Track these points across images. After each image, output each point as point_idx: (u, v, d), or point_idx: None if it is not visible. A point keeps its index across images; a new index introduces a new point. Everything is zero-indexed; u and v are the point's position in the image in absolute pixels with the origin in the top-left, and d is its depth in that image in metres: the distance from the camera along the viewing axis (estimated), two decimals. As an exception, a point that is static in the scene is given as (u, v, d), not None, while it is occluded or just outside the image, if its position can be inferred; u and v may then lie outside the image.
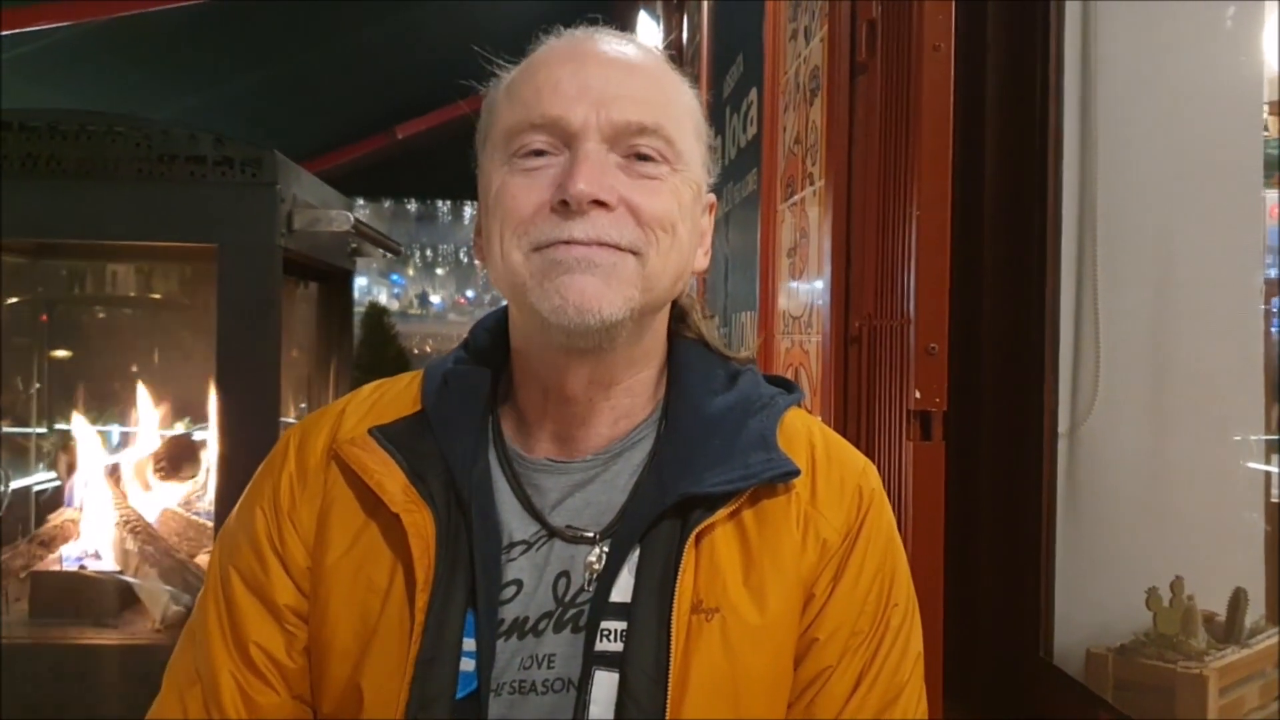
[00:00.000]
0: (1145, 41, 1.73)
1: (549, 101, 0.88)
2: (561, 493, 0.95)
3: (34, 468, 3.18)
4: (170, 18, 5.66)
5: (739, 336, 2.82)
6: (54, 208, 2.12)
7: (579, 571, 0.92)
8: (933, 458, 1.56)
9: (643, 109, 0.89)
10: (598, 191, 0.85)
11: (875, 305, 1.73)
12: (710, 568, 0.91)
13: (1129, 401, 1.73)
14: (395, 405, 1.01)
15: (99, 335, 3.41)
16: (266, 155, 2.10)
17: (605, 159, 0.88)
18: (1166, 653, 1.57)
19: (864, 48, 1.82)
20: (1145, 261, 1.74)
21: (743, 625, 0.90)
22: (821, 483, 0.97)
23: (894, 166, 1.67)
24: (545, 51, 0.94)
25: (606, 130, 0.88)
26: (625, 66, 0.91)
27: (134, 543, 2.33)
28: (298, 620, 0.96)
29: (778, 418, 0.98)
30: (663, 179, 0.90)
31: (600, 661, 0.88)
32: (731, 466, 0.92)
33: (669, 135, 0.90)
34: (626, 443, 0.97)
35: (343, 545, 0.94)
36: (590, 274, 0.86)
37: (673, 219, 0.90)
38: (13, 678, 2.13)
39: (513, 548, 0.93)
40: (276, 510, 0.98)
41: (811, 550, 0.94)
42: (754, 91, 2.69)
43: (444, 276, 16.55)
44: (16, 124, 2.09)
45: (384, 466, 0.93)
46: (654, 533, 0.90)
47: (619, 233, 0.87)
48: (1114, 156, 1.72)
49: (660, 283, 0.91)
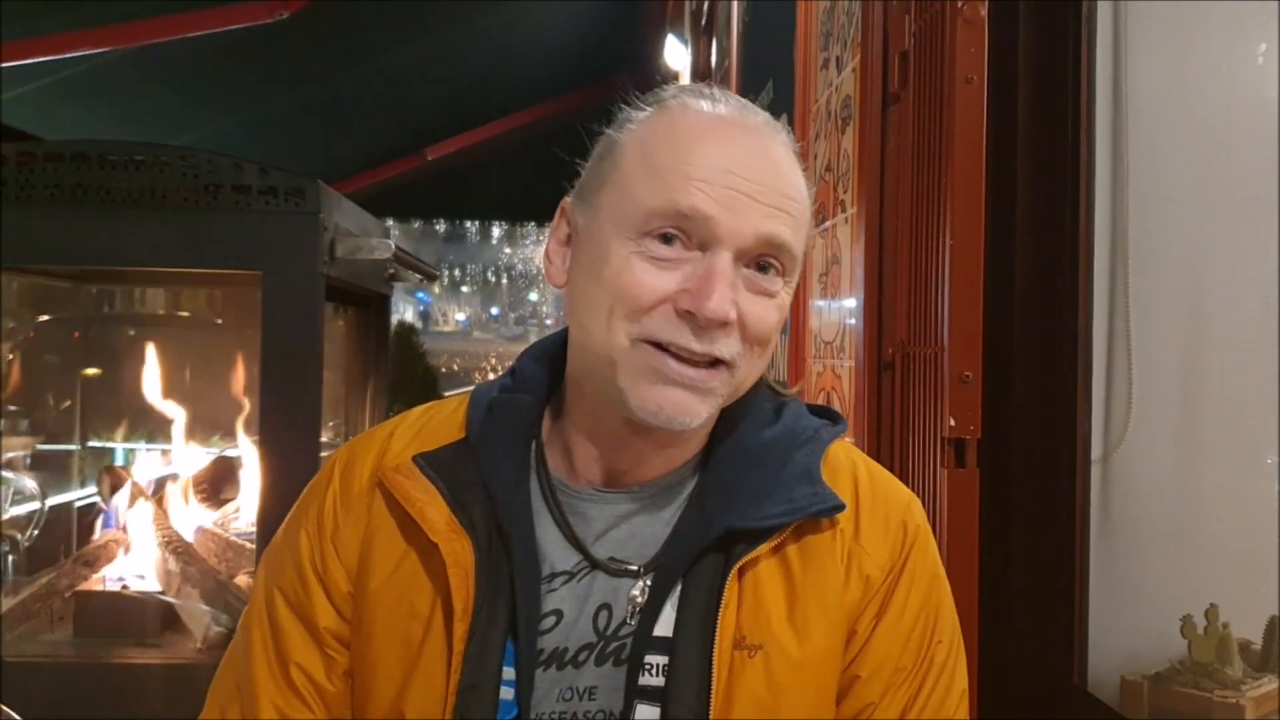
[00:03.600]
0: (1176, 72, 1.75)
1: (698, 195, 0.86)
2: (606, 523, 0.96)
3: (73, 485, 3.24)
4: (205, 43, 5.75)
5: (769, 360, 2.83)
6: (103, 235, 2.17)
7: (621, 604, 0.92)
8: (967, 485, 1.57)
9: (783, 224, 0.88)
10: (729, 313, 0.86)
11: (909, 332, 1.75)
12: (754, 602, 0.91)
13: (1161, 428, 1.74)
14: (441, 431, 1.02)
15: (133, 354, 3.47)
16: (309, 184, 2.14)
17: (734, 272, 0.87)
18: (1202, 681, 1.58)
19: (896, 78, 1.84)
20: (1177, 289, 1.75)
21: (786, 661, 0.90)
22: (866, 518, 0.97)
23: (926, 195, 1.69)
24: (688, 118, 0.92)
25: (748, 243, 0.87)
26: (773, 166, 0.90)
27: (176, 563, 2.37)
28: (338, 644, 0.98)
29: (822, 451, 0.98)
30: (777, 294, 0.90)
31: (642, 696, 0.89)
32: (776, 500, 0.92)
33: (794, 251, 0.90)
34: (674, 477, 0.97)
35: (386, 570, 0.96)
36: (691, 392, 0.88)
37: (772, 336, 0.91)
38: (57, 696, 2.16)
39: (554, 578, 0.93)
40: (320, 534, 1.00)
41: (855, 586, 0.94)
42: (784, 118, 2.72)
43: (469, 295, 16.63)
44: (69, 154, 2.14)
45: (426, 495, 0.94)
46: (697, 567, 0.91)
47: (727, 348, 0.88)
48: (1145, 186, 1.74)
49: (744, 385, 0.93)
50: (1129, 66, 1.73)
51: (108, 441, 3.30)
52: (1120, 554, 1.72)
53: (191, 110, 7.09)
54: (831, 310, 2.17)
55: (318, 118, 7.98)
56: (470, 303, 16.73)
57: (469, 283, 16.30)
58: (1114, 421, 1.73)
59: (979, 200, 1.59)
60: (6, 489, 2.87)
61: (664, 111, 0.93)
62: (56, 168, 2.15)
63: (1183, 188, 1.74)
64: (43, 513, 2.84)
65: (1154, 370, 1.72)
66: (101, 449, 3.29)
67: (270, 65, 6.82)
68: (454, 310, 16.68)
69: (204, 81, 6.78)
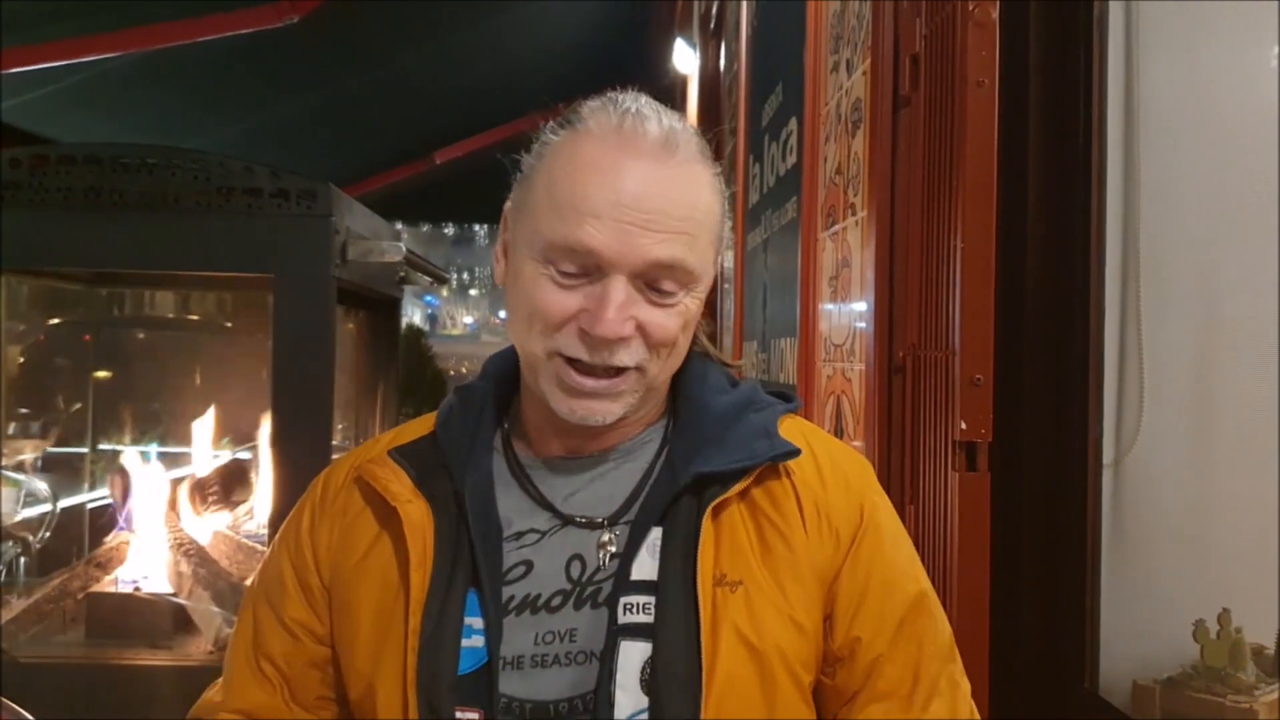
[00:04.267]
0: (1189, 75, 1.75)
1: (588, 232, 0.94)
2: (574, 486, 1.05)
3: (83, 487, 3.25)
4: (214, 48, 5.77)
5: (778, 363, 2.84)
6: (115, 238, 2.18)
7: (592, 554, 1.00)
8: (978, 489, 1.57)
9: (672, 245, 0.95)
10: (620, 332, 0.95)
11: (919, 336, 1.75)
12: (730, 543, 0.99)
13: (1173, 432, 1.73)
14: (415, 431, 1.12)
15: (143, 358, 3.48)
16: (321, 188, 2.15)
17: (628, 293, 0.95)
18: (1214, 686, 1.57)
19: (907, 81, 1.84)
20: (1189, 292, 1.75)
21: (764, 596, 0.97)
22: (828, 471, 1.05)
23: (937, 199, 1.69)
24: (587, 149, 0.98)
25: (636, 268, 0.95)
26: (659, 193, 0.96)
27: (187, 565, 2.38)
28: (305, 635, 1.07)
29: (778, 417, 1.06)
30: (677, 303, 0.98)
31: (626, 633, 0.95)
32: (737, 450, 1.01)
33: (689, 267, 0.97)
34: (637, 442, 1.07)
35: (361, 549, 1.04)
36: (599, 399, 0.98)
37: (677, 338, 0.99)
38: (69, 696, 2.17)
39: (523, 535, 1.02)
40: (298, 535, 1.10)
41: (827, 542, 1.02)
42: (794, 121, 2.72)
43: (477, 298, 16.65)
44: (81, 157, 2.15)
45: (393, 474, 1.04)
46: (673, 512, 0.99)
47: (629, 356, 0.97)
48: (1158, 189, 1.73)
49: (657, 381, 1.01)
50: (1141, 69, 1.73)
51: (118, 444, 3.31)
52: (1132, 558, 1.71)
53: (201, 115, 7.11)
54: (841, 314, 2.17)
55: (327, 122, 8.00)
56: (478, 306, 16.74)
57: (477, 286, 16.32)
58: (1126, 425, 1.73)
59: (990, 203, 1.59)
60: (18, 491, 2.88)
61: (570, 138, 1.00)
62: (69, 171, 2.17)
63: (1195, 191, 1.73)
64: (54, 515, 2.86)
65: (1166, 374, 1.72)
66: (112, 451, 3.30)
67: (279, 69, 6.84)
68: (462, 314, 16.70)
69: (214, 86, 6.80)
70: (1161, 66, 1.73)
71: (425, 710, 0.94)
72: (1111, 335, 1.73)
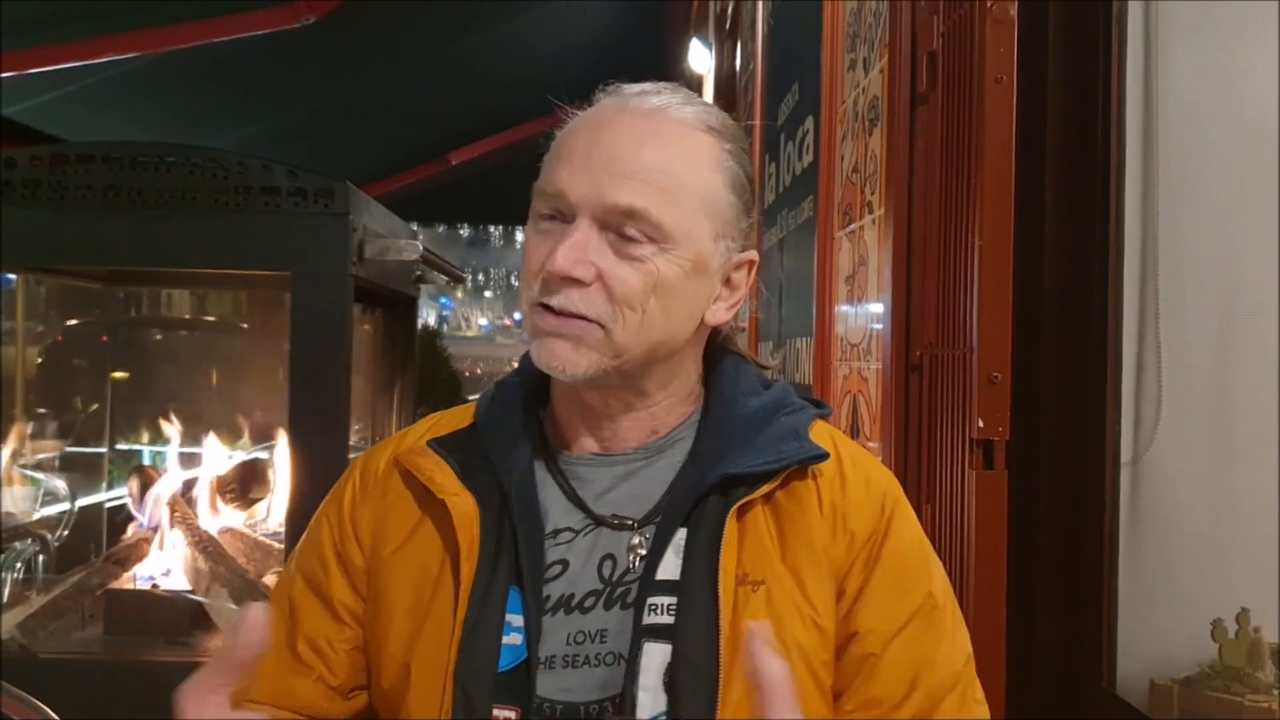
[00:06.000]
0: (1208, 72, 1.74)
1: (560, 174, 0.96)
2: (606, 484, 1.04)
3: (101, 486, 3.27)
4: (231, 48, 5.80)
5: (794, 362, 2.84)
6: (134, 237, 2.19)
7: (623, 555, 1.00)
8: (995, 487, 1.57)
9: (635, 191, 0.94)
10: (570, 269, 0.93)
11: (937, 334, 1.74)
12: (754, 542, 0.98)
13: (1192, 430, 1.73)
14: (453, 422, 1.11)
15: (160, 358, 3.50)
16: (338, 186, 2.16)
17: (590, 237, 0.95)
18: (1233, 685, 1.56)
19: (925, 79, 1.84)
20: (1208, 289, 1.74)
21: (786, 596, 0.97)
22: (850, 476, 1.03)
23: (955, 196, 1.69)
24: (585, 114, 1.01)
25: (597, 211, 0.94)
26: (636, 142, 0.96)
27: (205, 562, 2.39)
28: (350, 618, 1.06)
29: (809, 421, 1.05)
30: (644, 259, 0.95)
31: (649, 634, 0.95)
32: (767, 453, 0.99)
33: (656, 219, 0.95)
34: (668, 440, 1.05)
35: (401, 536, 1.04)
36: (560, 339, 0.96)
37: (641, 298, 0.96)
38: (88, 693, 2.18)
39: (559, 534, 1.01)
40: (340, 519, 1.09)
41: (841, 541, 1.00)
42: (810, 120, 2.72)
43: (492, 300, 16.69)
44: (100, 156, 2.17)
45: (436, 466, 1.03)
46: (698, 512, 0.98)
47: (586, 306, 0.95)
48: (1176, 185, 1.73)
49: (631, 351, 0.97)
50: (1160, 66, 1.72)
51: (136, 444, 3.33)
52: (1150, 557, 1.71)
53: (218, 115, 7.13)
54: (858, 313, 2.16)
55: (343, 122, 8.02)
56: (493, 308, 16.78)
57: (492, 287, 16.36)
58: (1144, 423, 1.73)
59: (1008, 201, 1.59)
60: (37, 490, 2.90)
61: (586, 110, 1.02)
62: (88, 169, 2.18)
63: (1214, 188, 1.73)
64: (72, 513, 2.88)
65: (1184, 371, 1.71)
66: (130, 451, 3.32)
67: (297, 70, 6.86)
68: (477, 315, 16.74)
69: (231, 86, 6.83)
70: (1180, 63, 1.73)
71: (462, 707, 0.94)
72: (1130, 333, 1.72)
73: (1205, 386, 1.73)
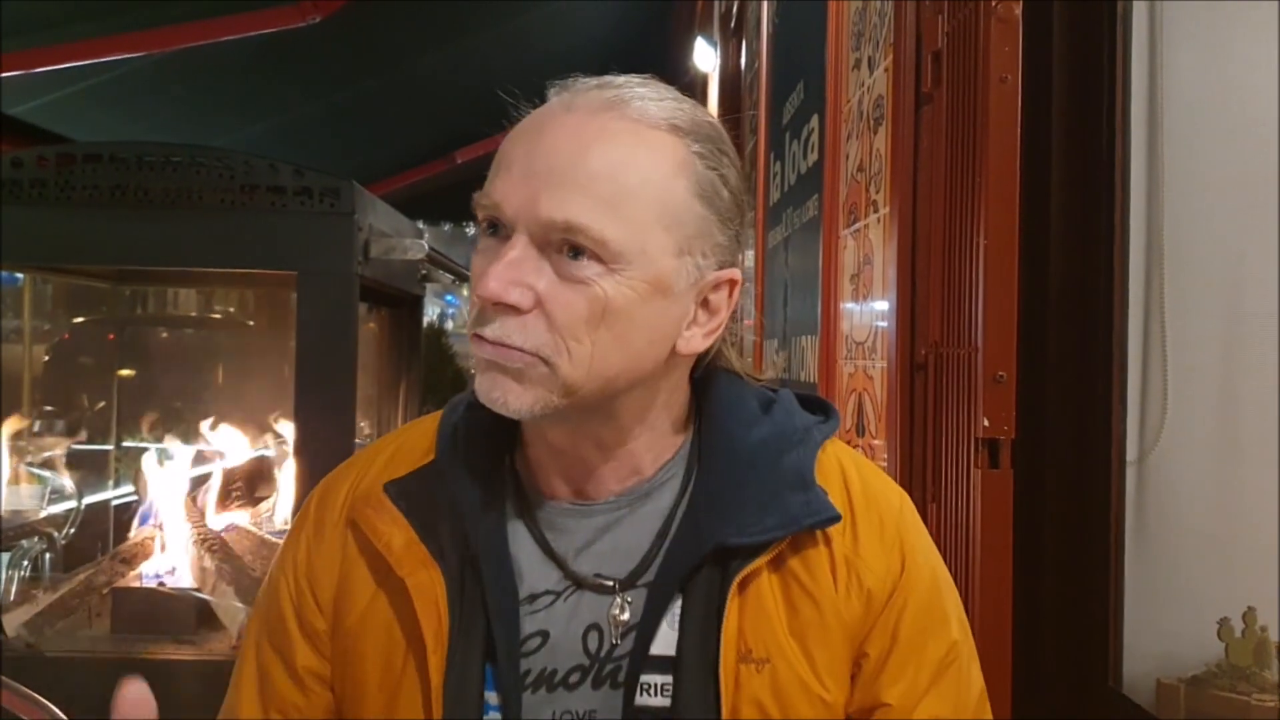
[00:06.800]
0: (1213, 70, 1.74)
1: (497, 184, 0.84)
2: (586, 537, 0.92)
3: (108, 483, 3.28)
4: (238, 48, 5.81)
5: (799, 361, 2.83)
6: (140, 236, 2.20)
7: (609, 626, 0.90)
8: (1001, 486, 1.57)
9: (575, 204, 0.81)
10: (502, 294, 0.81)
11: (942, 333, 1.74)
12: (757, 614, 0.88)
13: (1198, 429, 1.72)
14: (412, 453, 0.98)
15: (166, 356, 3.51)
16: (344, 185, 2.17)
17: (528, 256, 0.82)
18: (1239, 684, 1.56)
19: (929, 78, 1.84)
20: (1213, 288, 1.74)
21: (793, 674, 0.88)
22: (862, 524, 0.93)
23: (960, 195, 1.68)
24: (531, 115, 0.89)
25: (534, 227, 0.82)
26: (579, 146, 0.83)
27: (211, 561, 2.39)
28: (316, 684, 0.97)
29: (815, 453, 0.94)
30: (590, 281, 0.82)
31: (643, 717, 0.87)
32: (770, 510, 0.89)
33: (599, 235, 0.81)
34: (654, 483, 0.94)
35: (363, 602, 0.94)
36: (498, 373, 0.84)
37: (587, 327, 0.83)
38: (95, 691, 2.18)
39: (536, 599, 0.91)
40: (296, 573, 0.98)
41: (855, 600, 0.91)
42: (815, 119, 2.72)
43: (498, 298, 16.66)
44: (107, 155, 2.18)
45: (393, 525, 0.92)
46: (694, 581, 0.88)
47: (523, 337, 0.82)
48: (1182, 184, 1.72)
49: (583, 387, 0.84)
50: (1165, 64, 1.72)
51: (142, 441, 3.34)
52: (1156, 556, 1.70)
53: (224, 114, 7.15)
54: (863, 311, 2.16)
55: (349, 121, 8.04)
56: (498, 306, 16.76)
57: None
58: (1149, 422, 1.72)
59: (1013, 200, 1.58)
60: (44, 488, 2.91)
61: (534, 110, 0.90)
62: (95, 169, 2.19)
63: (1220, 186, 1.73)
64: (78, 511, 2.88)
65: (1190, 370, 1.71)
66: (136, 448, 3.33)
67: (302, 69, 6.87)
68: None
69: (236, 85, 6.84)
70: (1185, 62, 1.73)
71: None
72: (1135, 332, 1.72)
73: (1211, 385, 1.73)
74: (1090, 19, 1.75)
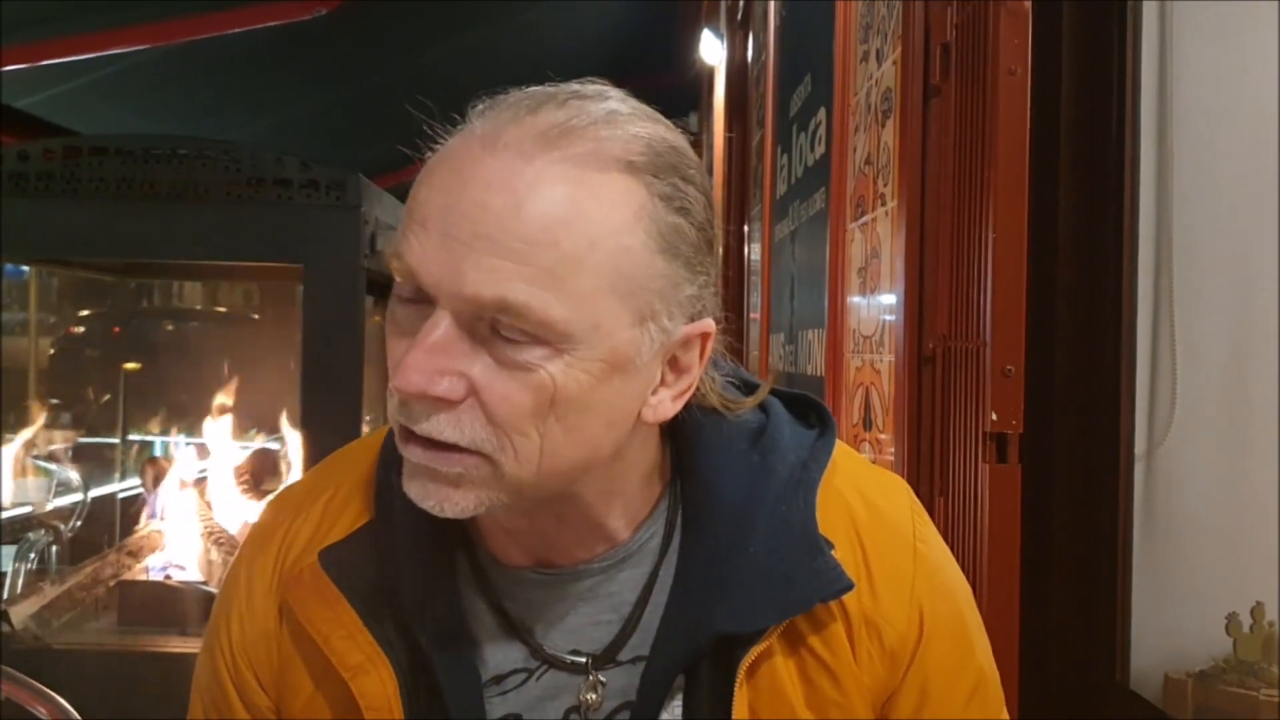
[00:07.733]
0: (1223, 65, 1.73)
1: (412, 244, 0.70)
2: (553, 608, 0.82)
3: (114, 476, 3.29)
4: (244, 41, 5.81)
5: (806, 354, 2.83)
6: (147, 229, 2.20)
7: (586, 706, 0.81)
8: (1009, 480, 1.56)
9: (508, 279, 0.66)
10: (428, 387, 0.67)
11: (950, 326, 1.74)
12: (771, 693, 0.79)
13: (1207, 423, 1.72)
14: (349, 506, 0.86)
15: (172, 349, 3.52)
16: (350, 178, 2.17)
17: (453, 338, 0.68)
18: (1247, 679, 1.56)
19: (938, 71, 1.83)
20: (1223, 283, 1.73)
21: None
22: (878, 574, 0.83)
23: (968, 189, 1.68)
24: (447, 148, 0.74)
25: (458, 304, 0.68)
26: (509, 201, 0.67)
27: (218, 554, 2.40)
28: None
29: (815, 495, 0.83)
30: (532, 367, 0.68)
31: None
32: (772, 584, 0.78)
33: (541, 316, 0.67)
34: (630, 547, 0.82)
35: (305, 694, 0.83)
36: (430, 479, 0.72)
37: (533, 420, 0.70)
38: (101, 684, 2.20)
39: (503, 679, 0.81)
40: (234, 653, 0.87)
41: (879, 665, 0.82)
42: (822, 111, 2.71)
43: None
44: (113, 148, 2.18)
45: (332, 611, 0.80)
46: (695, 667, 0.79)
47: (458, 432, 0.69)
48: (1191, 178, 1.72)
49: (534, 483, 0.72)
50: (1175, 58, 1.71)
51: (148, 434, 3.35)
52: (1164, 550, 1.70)
53: (230, 107, 7.16)
54: (870, 305, 2.16)
55: (355, 115, 8.04)
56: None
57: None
58: (1158, 416, 1.72)
59: (1022, 193, 1.58)
60: (50, 481, 2.92)
61: (453, 138, 0.75)
62: (101, 162, 2.19)
63: (1229, 180, 1.72)
64: (85, 504, 2.89)
65: (1199, 365, 1.70)
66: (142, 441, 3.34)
67: (309, 62, 6.87)
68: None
69: (243, 79, 6.84)
70: (1195, 54, 1.72)
71: None
72: (1144, 326, 1.72)
73: (1220, 380, 1.72)
74: (1100, 11, 1.75)
